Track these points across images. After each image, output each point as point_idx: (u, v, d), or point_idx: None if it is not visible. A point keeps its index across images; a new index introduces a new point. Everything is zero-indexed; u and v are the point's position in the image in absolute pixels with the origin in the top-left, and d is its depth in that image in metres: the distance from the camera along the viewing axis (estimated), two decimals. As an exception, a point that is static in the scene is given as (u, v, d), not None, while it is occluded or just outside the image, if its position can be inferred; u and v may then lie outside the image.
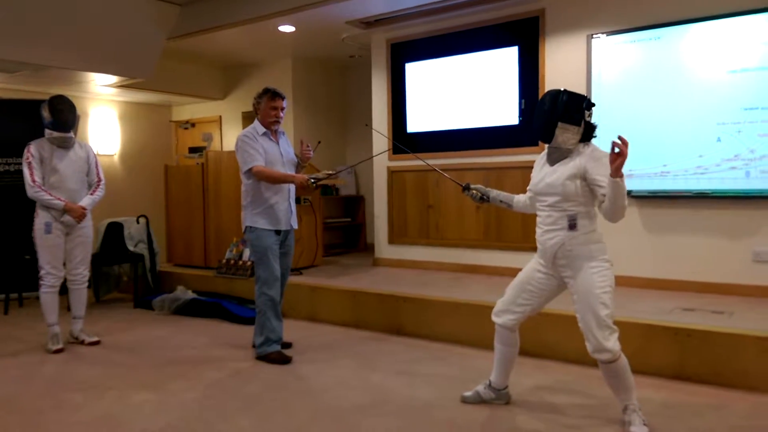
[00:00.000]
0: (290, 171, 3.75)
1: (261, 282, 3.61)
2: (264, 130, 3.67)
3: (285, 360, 3.59)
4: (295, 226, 3.79)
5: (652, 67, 4.33)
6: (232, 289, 5.21)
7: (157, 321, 4.83)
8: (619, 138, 2.26)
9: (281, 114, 3.71)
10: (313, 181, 3.52)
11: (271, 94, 3.68)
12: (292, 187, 3.76)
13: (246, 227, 3.67)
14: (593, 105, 2.56)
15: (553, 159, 2.59)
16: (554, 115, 2.50)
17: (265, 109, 3.68)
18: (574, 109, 2.50)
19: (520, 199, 2.87)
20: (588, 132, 2.54)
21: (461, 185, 2.97)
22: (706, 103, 4.13)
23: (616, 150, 2.25)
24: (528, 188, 2.79)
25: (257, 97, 3.74)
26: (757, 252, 4.05)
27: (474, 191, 2.91)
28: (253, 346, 3.73)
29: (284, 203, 3.67)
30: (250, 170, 3.56)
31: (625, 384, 2.51)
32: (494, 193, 2.91)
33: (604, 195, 2.41)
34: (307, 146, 3.74)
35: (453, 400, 2.92)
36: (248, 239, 3.70)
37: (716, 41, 4.09)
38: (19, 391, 3.18)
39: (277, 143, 3.73)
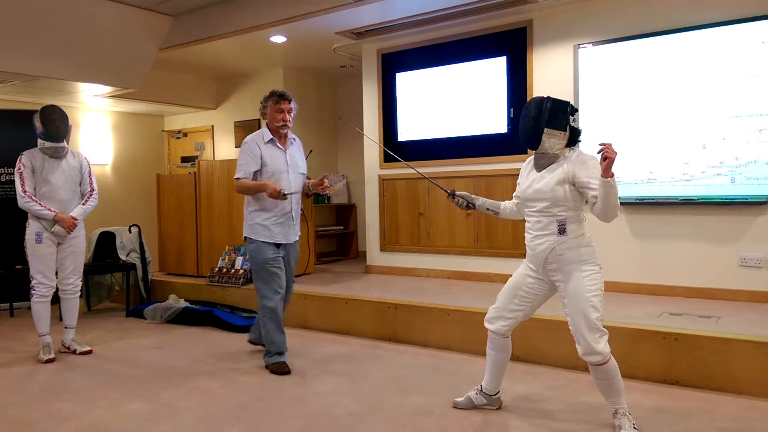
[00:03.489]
0: (299, 181, 3.62)
1: (260, 295, 3.55)
2: (270, 136, 3.55)
3: (282, 372, 3.53)
4: (294, 239, 3.64)
5: (638, 76, 4.40)
6: (225, 297, 5.21)
7: (149, 330, 4.82)
8: (601, 144, 2.33)
9: (288, 117, 3.55)
10: (285, 193, 3.40)
11: (276, 97, 3.54)
12: (296, 197, 3.61)
13: (245, 237, 3.59)
14: (576, 110, 2.62)
15: (541, 165, 2.63)
16: (541, 122, 2.54)
17: (271, 113, 3.55)
18: (559, 114, 2.55)
19: (506, 206, 2.91)
20: (573, 137, 2.60)
21: (447, 192, 2.98)
22: (691, 111, 4.20)
23: (604, 154, 2.32)
24: (514, 195, 2.84)
25: (263, 101, 3.61)
26: (742, 257, 4.11)
27: (459, 198, 2.94)
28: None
29: (282, 217, 3.53)
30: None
31: (615, 387, 2.54)
32: (480, 201, 2.94)
33: (594, 197, 2.45)
34: (326, 183, 3.59)
35: (445, 406, 2.94)
36: (247, 250, 3.62)
37: (701, 51, 4.16)
38: (10, 402, 3.17)
39: (285, 151, 3.59)
